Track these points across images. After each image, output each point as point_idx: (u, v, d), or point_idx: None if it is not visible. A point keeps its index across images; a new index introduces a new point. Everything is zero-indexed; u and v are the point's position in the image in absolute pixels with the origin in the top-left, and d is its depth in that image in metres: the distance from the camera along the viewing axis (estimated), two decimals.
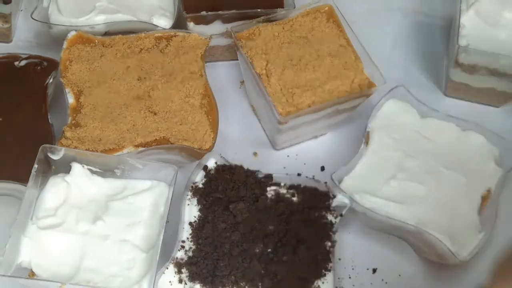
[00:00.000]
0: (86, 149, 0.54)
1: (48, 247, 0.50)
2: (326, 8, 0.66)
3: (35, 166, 0.52)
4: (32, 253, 0.50)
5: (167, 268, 0.49)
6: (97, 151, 0.54)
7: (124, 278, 0.49)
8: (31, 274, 0.49)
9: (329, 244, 0.52)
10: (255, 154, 0.64)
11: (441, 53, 0.72)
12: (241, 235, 0.51)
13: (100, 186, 0.54)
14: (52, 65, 0.61)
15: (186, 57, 0.62)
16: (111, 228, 0.51)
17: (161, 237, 0.50)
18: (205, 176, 0.54)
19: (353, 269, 0.56)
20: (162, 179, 0.54)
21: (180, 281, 0.49)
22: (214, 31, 0.66)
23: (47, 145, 0.53)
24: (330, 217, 0.53)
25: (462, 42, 0.63)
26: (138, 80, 0.60)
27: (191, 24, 0.66)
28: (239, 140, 0.64)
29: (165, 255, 0.50)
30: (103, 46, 0.62)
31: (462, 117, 0.61)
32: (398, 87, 0.61)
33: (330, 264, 0.51)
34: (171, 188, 0.53)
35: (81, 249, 0.50)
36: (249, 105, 0.67)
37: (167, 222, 0.51)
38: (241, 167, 0.55)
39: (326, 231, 0.53)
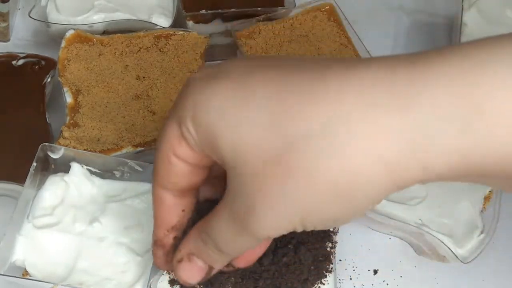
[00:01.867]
0: (84, 149, 0.54)
1: (43, 247, 0.50)
2: (327, 7, 0.65)
3: (34, 164, 0.51)
4: (26, 252, 0.49)
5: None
6: (95, 151, 0.54)
7: (118, 281, 0.49)
8: (25, 273, 0.49)
9: (330, 245, 0.52)
10: None
11: None
12: None
13: (99, 187, 0.53)
14: (50, 64, 0.61)
15: (185, 56, 0.62)
16: (108, 230, 0.51)
17: None
18: None
19: (354, 270, 0.56)
20: None
21: (180, 282, 0.48)
22: (213, 29, 0.66)
23: (47, 144, 0.52)
24: None
25: (464, 40, 0.62)
26: (137, 79, 0.60)
27: (190, 23, 0.65)
28: None
29: None
30: (101, 45, 0.62)
31: None
32: None
33: (331, 265, 0.51)
34: None
35: (77, 250, 0.50)
36: None
37: None
38: None
39: (326, 232, 0.52)
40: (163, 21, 0.65)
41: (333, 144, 0.28)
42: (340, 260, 0.56)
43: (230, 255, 0.35)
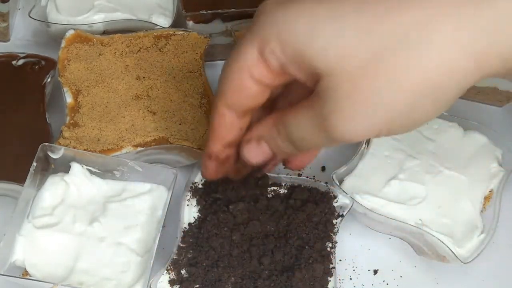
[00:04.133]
0: (84, 149, 0.54)
1: (43, 247, 0.50)
2: None
3: (34, 164, 0.51)
4: (26, 252, 0.49)
5: (166, 269, 0.49)
6: (95, 151, 0.54)
7: (117, 281, 0.49)
8: (25, 273, 0.49)
9: (330, 245, 0.52)
10: None
11: None
12: (241, 235, 0.50)
13: (99, 187, 0.53)
14: (50, 64, 0.61)
15: (185, 56, 0.62)
16: (108, 230, 0.51)
17: (157, 242, 0.49)
18: None
19: (354, 270, 0.56)
20: (161, 182, 0.53)
21: (180, 282, 0.49)
22: (213, 30, 0.66)
23: (47, 144, 0.52)
24: (331, 218, 0.53)
25: None
26: (137, 79, 0.60)
27: (190, 23, 0.65)
28: None
29: (163, 259, 0.50)
30: (101, 45, 0.62)
31: (464, 116, 0.60)
32: None
33: (331, 265, 0.51)
34: (170, 192, 0.52)
35: (76, 250, 0.50)
36: None
37: (163, 226, 0.50)
38: None
39: (327, 232, 0.52)
40: (163, 21, 0.65)
41: (428, 41, 0.30)
42: (340, 260, 0.56)
43: (297, 149, 0.37)
